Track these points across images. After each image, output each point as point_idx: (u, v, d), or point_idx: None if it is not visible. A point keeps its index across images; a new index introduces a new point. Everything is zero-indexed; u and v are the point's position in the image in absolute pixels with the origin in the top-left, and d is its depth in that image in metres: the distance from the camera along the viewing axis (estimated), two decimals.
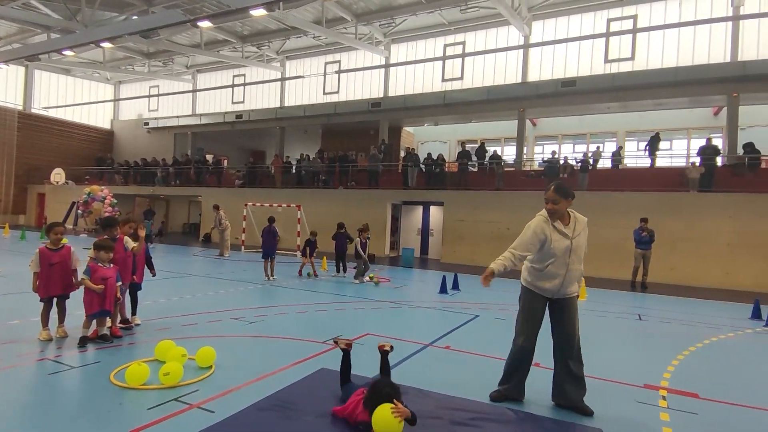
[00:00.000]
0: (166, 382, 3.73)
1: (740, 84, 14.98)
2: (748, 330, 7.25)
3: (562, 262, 3.50)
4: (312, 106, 23.24)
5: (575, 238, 3.51)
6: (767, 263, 12.12)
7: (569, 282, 3.56)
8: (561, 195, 3.49)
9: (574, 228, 3.54)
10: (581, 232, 3.57)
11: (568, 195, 3.52)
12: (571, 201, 3.55)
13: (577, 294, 3.67)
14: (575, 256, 3.51)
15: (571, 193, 3.54)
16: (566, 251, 3.49)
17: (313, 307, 7.47)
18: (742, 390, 4.42)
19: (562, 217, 3.55)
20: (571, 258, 3.50)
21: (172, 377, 3.75)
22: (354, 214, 16.90)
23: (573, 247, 3.49)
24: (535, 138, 21.73)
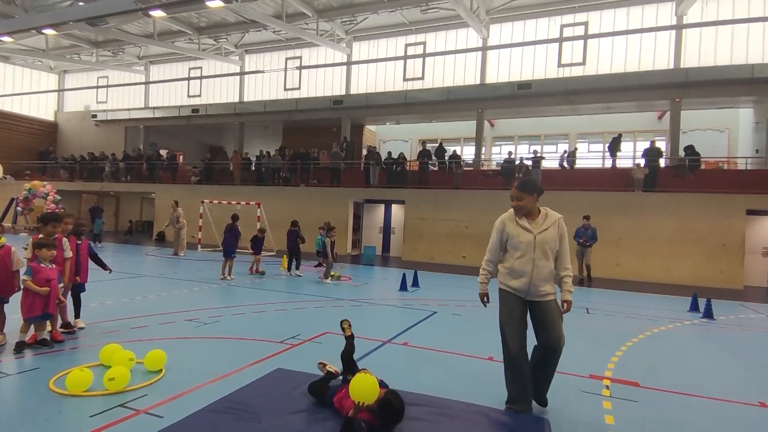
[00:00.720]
0: (112, 387, 3.57)
1: (682, 90, 15.99)
2: (686, 322, 7.76)
3: (527, 258, 3.41)
4: (273, 102, 22.81)
5: (540, 233, 3.41)
6: (704, 259, 13.02)
7: (538, 280, 3.42)
8: (524, 191, 3.43)
9: (541, 223, 3.45)
10: (550, 228, 3.43)
11: (533, 190, 3.44)
12: (537, 196, 3.46)
13: (553, 296, 3.52)
14: (540, 251, 3.40)
15: (536, 188, 3.46)
16: (529, 246, 3.40)
17: (271, 306, 7.36)
18: (679, 378, 4.73)
19: (529, 213, 3.47)
20: (536, 254, 3.39)
21: (118, 382, 3.59)
22: (316, 212, 16.76)
23: (537, 242, 3.39)
24: (493, 138, 22.30)
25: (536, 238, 3.40)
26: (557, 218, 3.50)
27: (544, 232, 3.43)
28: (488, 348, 5.22)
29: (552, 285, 3.52)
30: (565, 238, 3.51)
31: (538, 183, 3.53)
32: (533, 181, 3.51)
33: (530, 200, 3.45)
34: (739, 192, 13.09)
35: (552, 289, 3.51)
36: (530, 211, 3.48)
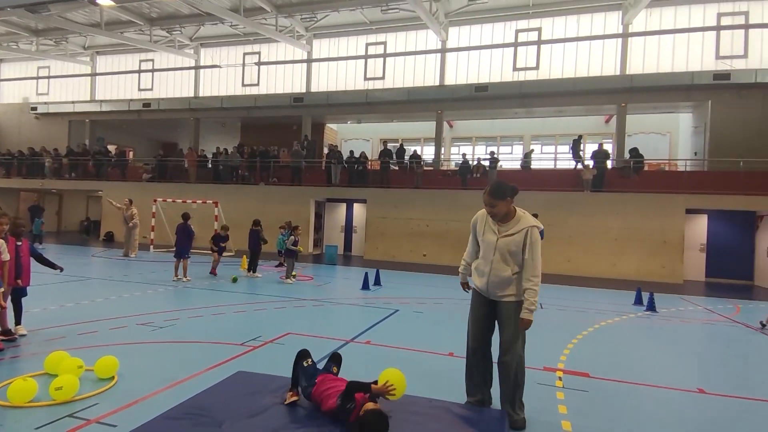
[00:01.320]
0: (59, 397, 3.39)
1: (628, 95, 16.94)
2: (631, 315, 8.25)
3: (487, 258, 3.41)
4: (230, 98, 22.20)
5: (502, 237, 3.34)
6: (647, 255, 13.87)
7: (495, 283, 3.39)
8: (496, 197, 3.32)
9: (511, 227, 3.35)
10: (516, 234, 3.31)
11: (506, 194, 3.32)
12: (511, 200, 3.36)
13: (513, 298, 3.40)
14: (499, 255, 3.33)
15: (508, 192, 3.33)
16: (490, 248, 3.38)
17: (230, 308, 7.18)
18: (625, 368, 5.04)
19: (504, 217, 3.39)
20: (494, 257, 3.35)
21: (66, 391, 3.41)
22: (276, 211, 16.49)
23: (497, 245, 3.33)
24: (452, 139, 22.76)
25: (498, 241, 3.35)
26: (528, 226, 3.31)
27: (509, 237, 3.33)
28: (448, 344, 5.35)
29: (512, 288, 3.38)
30: (534, 248, 3.29)
31: (509, 185, 3.39)
32: (503, 186, 3.36)
33: (503, 205, 3.34)
34: (679, 192, 14.03)
35: (513, 291, 3.38)
36: (506, 213, 3.38)
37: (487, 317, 3.54)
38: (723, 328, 7.53)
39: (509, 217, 3.39)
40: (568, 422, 3.51)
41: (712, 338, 6.92)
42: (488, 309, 3.52)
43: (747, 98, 15.81)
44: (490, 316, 3.54)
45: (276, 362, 4.54)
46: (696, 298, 10.70)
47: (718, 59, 16.65)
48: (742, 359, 5.76)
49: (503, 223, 3.38)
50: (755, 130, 15.53)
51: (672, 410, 3.90)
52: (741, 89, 15.81)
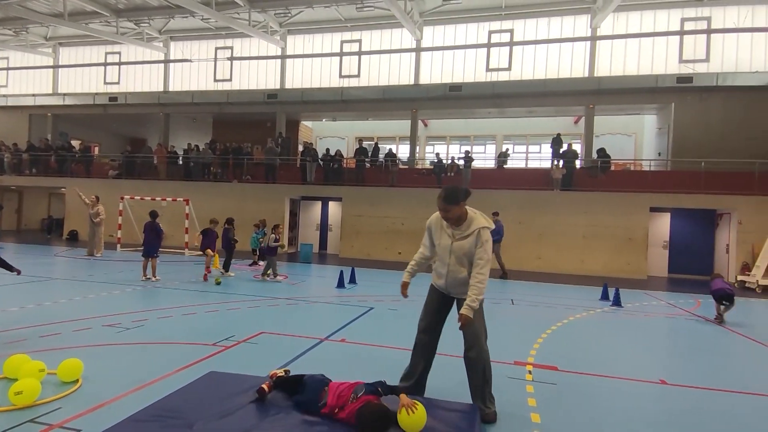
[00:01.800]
0: (19, 402, 3.26)
1: (596, 96, 17.46)
2: (598, 310, 8.53)
3: (443, 261, 3.49)
4: (202, 93, 21.72)
5: (457, 240, 3.41)
6: (613, 252, 14.35)
7: (454, 284, 3.49)
8: (449, 203, 3.36)
9: (464, 230, 3.40)
10: (469, 236, 3.37)
11: (457, 200, 3.36)
12: (463, 203, 3.41)
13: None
14: (455, 257, 3.41)
15: (460, 196, 3.37)
16: (446, 251, 3.46)
17: (202, 308, 7.05)
18: (592, 361, 5.21)
19: (457, 220, 3.42)
20: (450, 259, 3.43)
21: (27, 396, 3.28)
22: (250, 210, 16.25)
23: (453, 248, 3.41)
24: (427, 138, 22.93)
25: (453, 244, 3.41)
26: (479, 227, 3.37)
27: (463, 239, 3.39)
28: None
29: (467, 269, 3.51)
30: (484, 247, 3.35)
31: (462, 189, 3.44)
32: (455, 191, 3.39)
33: (456, 209, 3.38)
34: (643, 191, 14.57)
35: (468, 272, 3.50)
36: (459, 217, 3.43)
37: (440, 311, 3.67)
38: (684, 321, 7.88)
39: (462, 220, 3.43)
40: (537, 414, 3.61)
41: (674, 332, 7.23)
42: (444, 304, 3.66)
43: (708, 101, 16.54)
44: (443, 310, 3.68)
45: (249, 362, 4.49)
46: (659, 293, 11.15)
47: (682, 63, 17.35)
48: (701, 352, 6.04)
49: (457, 227, 3.44)
50: (716, 132, 16.27)
51: (635, 401, 4.06)
52: (703, 92, 16.52)
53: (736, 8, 16.73)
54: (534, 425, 3.42)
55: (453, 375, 4.25)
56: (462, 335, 3.56)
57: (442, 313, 3.70)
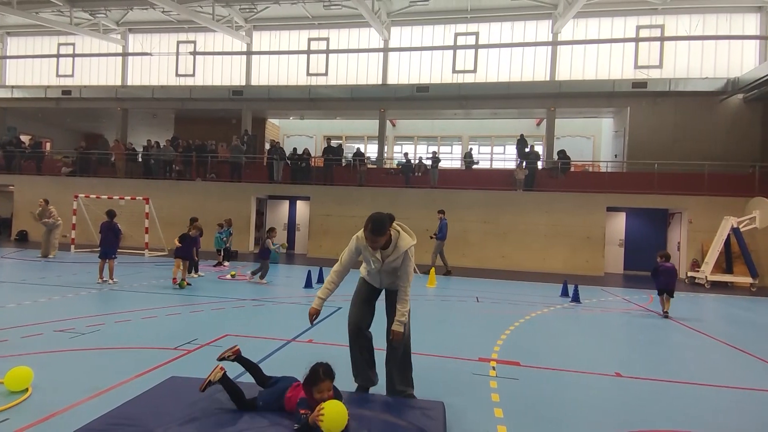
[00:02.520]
0: None
1: (556, 100, 18.05)
2: (558, 306, 8.84)
3: (373, 277, 3.73)
4: (163, 88, 21.00)
5: (386, 263, 3.55)
6: (573, 250, 14.89)
7: (386, 283, 3.73)
8: (377, 234, 3.39)
9: (390, 253, 3.52)
10: (396, 259, 3.52)
11: (385, 230, 3.42)
12: (389, 231, 3.47)
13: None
14: (386, 275, 3.65)
15: (386, 225, 3.42)
16: (376, 272, 3.66)
17: (163, 311, 6.83)
18: (552, 356, 5.41)
19: (385, 244, 3.50)
20: (381, 276, 3.66)
21: None
22: (215, 209, 15.87)
23: (382, 269, 3.61)
24: (395, 138, 23.06)
25: (382, 267, 3.58)
26: (405, 249, 3.50)
27: (391, 262, 3.55)
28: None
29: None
30: (407, 264, 3.53)
31: (387, 216, 3.47)
32: (382, 221, 3.41)
33: (384, 238, 3.45)
34: (601, 191, 15.20)
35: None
36: (386, 241, 3.51)
37: (371, 301, 3.79)
38: (638, 316, 8.28)
39: (388, 243, 3.53)
40: (500, 409, 3.72)
41: (628, 326, 7.59)
42: (374, 294, 3.80)
43: (661, 105, 17.42)
44: (371, 302, 3.80)
45: (213, 366, 4.39)
46: (615, 289, 11.67)
47: (637, 69, 18.20)
48: (653, 345, 6.37)
49: (383, 250, 3.54)
50: (668, 135, 17.16)
51: (593, 393, 4.25)
52: (656, 97, 17.39)
53: (688, 17, 17.71)
54: (497, 420, 3.52)
55: (429, 375, 4.30)
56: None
57: (372, 302, 3.83)
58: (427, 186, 16.34)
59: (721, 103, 17.15)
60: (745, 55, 17.45)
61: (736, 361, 5.55)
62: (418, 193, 15.94)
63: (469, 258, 15.13)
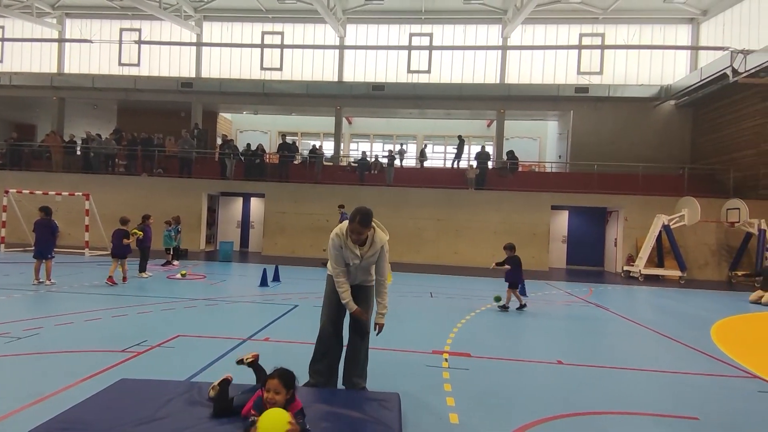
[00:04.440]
0: None
1: (506, 102, 18.78)
2: None
3: (352, 271, 3.77)
4: (104, 77, 19.87)
5: (365, 258, 3.69)
6: (520, 246, 15.23)
7: (358, 279, 3.84)
8: (365, 226, 3.55)
9: (367, 249, 3.67)
10: (374, 254, 3.70)
11: (370, 222, 3.59)
12: (371, 227, 3.64)
13: (372, 283, 3.87)
14: (362, 270, 3.77)
15: (371, 219, 3.60)
16: (355, 267, 3.74)
17: (108, 312, 6.54)
18: (500, 347, 5.71)
19: (365, 240, 3.65)
20: (358, 272, 3.76)
21: None
22: (162, 206, 15.22)
23: (361, 265, 3.72)
24: (351, 135, 23.08)
25: (361, 263, 3.70)
26: (381, 243, 3.69)
27: (369, 257, 3.70)
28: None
29: (372, 275, 3.84)
30: (383, 258, 3.73)
31: (371, 211, 3.61)
32: (369, 215, 3.57)
33: (368, 231, 3.61)
34: (545, 190, 15.99)
35: (372, 278, 3.85)
36: (364, 240, 3.65)
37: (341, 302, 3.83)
38: (579, 307, 8.85)
39: (366, 239, 3.66)
40: (452, 398, 3.91)
41: (570, 317, 8.10)
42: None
43: (602, 110, 18.55)
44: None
45: (165, 367, 4.31)
46: (558, 283, 12.37)
47: (580, 75, 19.27)
48: (592, 334, 6.86)
49: (362, 246, 3.66)
50: (607, 138, 18.31)
51: (537, 380, 4.55)
52: (597, 102, 18.50)
53: (626, 27, 18.96)
54: (449, 408, 3.70)
55: (385, 368, 4.43)
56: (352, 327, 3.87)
57: (341, 307, 3.85)
58: (383, 184, 16.52)
59: (654, 109, 18.52)
60: (677, 64, 18.93)
61: (665, 348, 6.09)
62: (374, 190, 16.08)
63: (424, 255, 15.48)
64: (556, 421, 3.52)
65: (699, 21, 18.49)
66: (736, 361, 5.42)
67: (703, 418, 3.69)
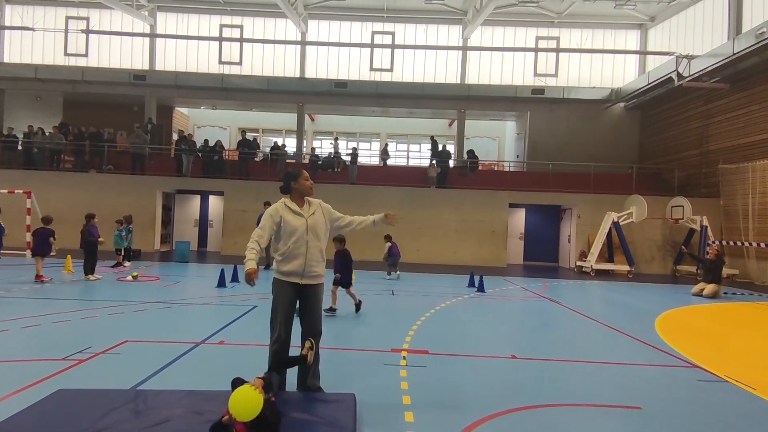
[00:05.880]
0: None
1: (466, 102, 19.10)
2: (465, 296, 9.44)
3: (301, 240, 3.68)
4: (49, 68, 18.72)
5: (310, 216, 3.76)
6: (479, 243, 15.92)
7: (311, 261, 3.72)
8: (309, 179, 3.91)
9: (308, 209, 3.80)
10: (316, 212, 3.83)
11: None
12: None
13: (322, 280, 3.85)
14: (312, 233, 3.73)
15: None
16: (302, 230, 3.70)
17: (48, 318, 6.16)
18: (457, 343, 5.80)
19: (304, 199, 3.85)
20: (309, 236, 3.71)
21: None
22: (113, 204, 14.53)
23: (309, 225, 3.72)
24: (314, 132, 22.83)
25: (308, 221, 3.74)
26: (318, 202, 3.94)
27: (314, 215, 3.80)
28: None
29: (322, 266, 3.83)
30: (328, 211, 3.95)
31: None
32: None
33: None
34: (504, 189, 16.40)
35: (322, 270, 3.83)
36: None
37: (293, 306, 3.81)
38: (534, 302, 9.14)
39: (303, 201, 3.85)
40: (408, 396, 3.94)
41: (525, 312, 8.35)
42: (294, 298, 3.80)
43: (557, 111, 19.20)
44: (294, 305, 3.82)
45: (109, 375, 4.11)
46: (515, 279, 12.72)
47: (536, 76, 19.86)
48: (545, 328, 7.10)
49: (301, 207, 3.80)
50: (562, 139, 18.99)
51: (490, 374, 4.66)
52: (552, 103, 19.12)
53: (579, 31, 19.69)
54: (405, 407, 3.73)
55: (344, 368, 4.41)
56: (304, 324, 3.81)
57: (295, 307, 3.82)
58: (346, 182, 16.44)
59: (606, 111, 19.36)
60: (627, 68, 19.85)
61: (613, 340, 6.37)
62: (338, 188, 15.97)
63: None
64: (506, 416, 3.61)
65: (647, 27, 19.46)
66: (677, 351, 5.74)
67: (645, 407, 3.88)
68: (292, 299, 3.77)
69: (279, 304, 3.76)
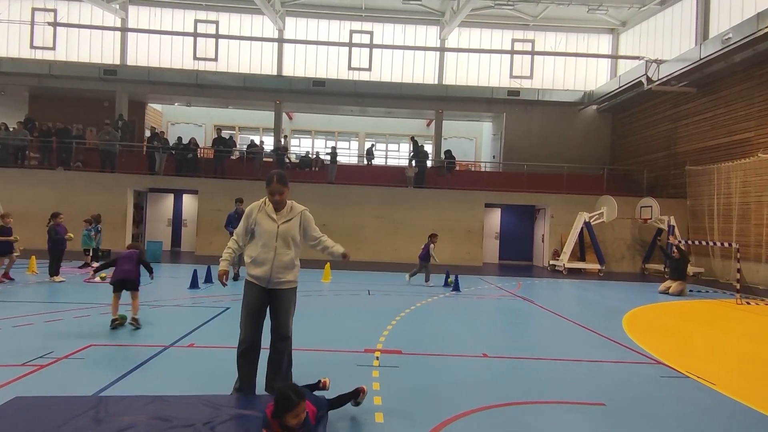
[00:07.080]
0: None
1: (444, 103, 19.24)
2: (441, 295, 9.51)
3: (269, 246, 3.58)
4: (13, 61, 18.03)
5: (283, 224, 3.62)
6: (456, 243, 16.07)
7: (279, 268, 3.61)
8: (284, 184, 3.61)
9: (286, 215, 3.66)
10: (293, 219, 3.67)
11: (287, 182, 3.68)
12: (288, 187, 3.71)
13: (292, 286, 3.75)
14: (282, 240, 3.60)
15: (288, 180, 3.72)
16: (272, 235, 3.59)
17: (7, 322, 5.92)
18: (431, 343, 5.84)
19: (283, 204, 3.67)
20: (277, 242, 3.58)
21: None
22: (81, 202, 14.09)
23: (279, 232, 3.59)
24: (292, 131, 22.62)
25: (279, 228, 3.60)
26: (301, 210, 3.76)
27: (288, 222, 3.65)
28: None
29: (293, 273, 3.72)
30: (307, 224, 3.78)
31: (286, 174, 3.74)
32: (285, 175, 3.70)
33: (288, 192, 3.68)
34: (480, 189, 16.60)
35: (292, 277, 3.72)
36: (285, 201, 3.69)
37: (262, 309, 3.72)
38: (507, 301, 9.28)
39: (284, 205, 3.70)
40: (380, 397, 3.94)
41: (498, 311, 8.47)
42: (264, 300, 3.71)
43: (532, 113, 19.53)
44: (264, 307, 3.73)
45: (72, 381, 3.98)
46: (491, 278, 12.90)
47: (512, 78, 20.15)
48: (517, 327, 7.22)
49: (279, 211, 3.67)
50: (536, 140, 19.33)
51: (462, 373, 4.70)
52: (527, 105, 19.44)
53: (554, 34, 20.06)
54: (376, 408, 3.73)
55: (317, 370, 4.37)
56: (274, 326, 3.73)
57: (265, 310, 3.74)
58: (324, 181, 16.35)
59: (578, 113, 19.79)
60: (599, 71, 20.34)
61: (581, 337, 6.52)
62: (316, 188, 15.87)
63: (364, 252, 15.49)
64: (474, 415, 3.66)
65: (619, 31, 19.97)
66: (643, 348, 5.91)
67: (610, 403, 3.98)
68: (260, 301, 3.69)
69: (246, 306, 3.71)
